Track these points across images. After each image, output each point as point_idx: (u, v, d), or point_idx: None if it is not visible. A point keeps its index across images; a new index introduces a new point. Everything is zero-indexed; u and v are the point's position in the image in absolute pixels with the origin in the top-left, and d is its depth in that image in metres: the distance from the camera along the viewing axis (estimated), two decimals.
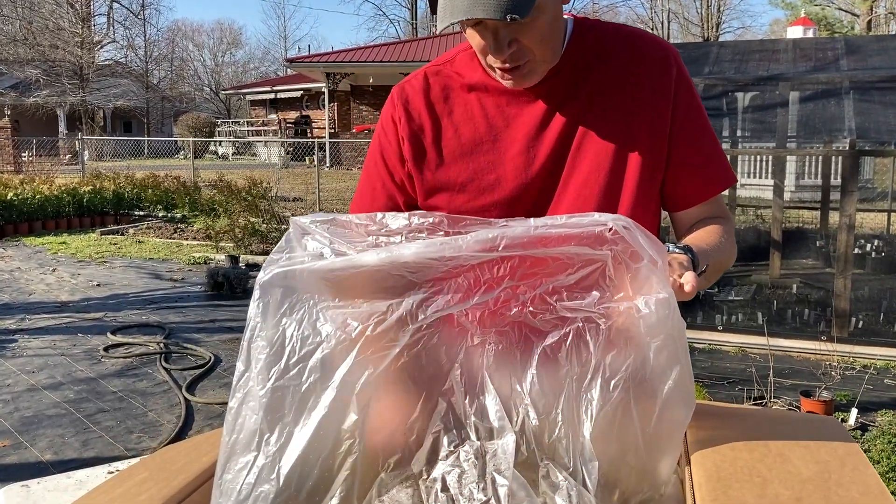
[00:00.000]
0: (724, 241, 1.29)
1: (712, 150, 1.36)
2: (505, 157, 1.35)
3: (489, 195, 1.35)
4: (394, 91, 1.45)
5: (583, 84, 1.34)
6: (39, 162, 20.30)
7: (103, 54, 41.58)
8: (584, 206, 1.33)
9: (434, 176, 1.38)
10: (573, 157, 1.34)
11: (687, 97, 1.35)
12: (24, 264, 9.18)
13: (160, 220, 12.73)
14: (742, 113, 7.43)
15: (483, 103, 1.37)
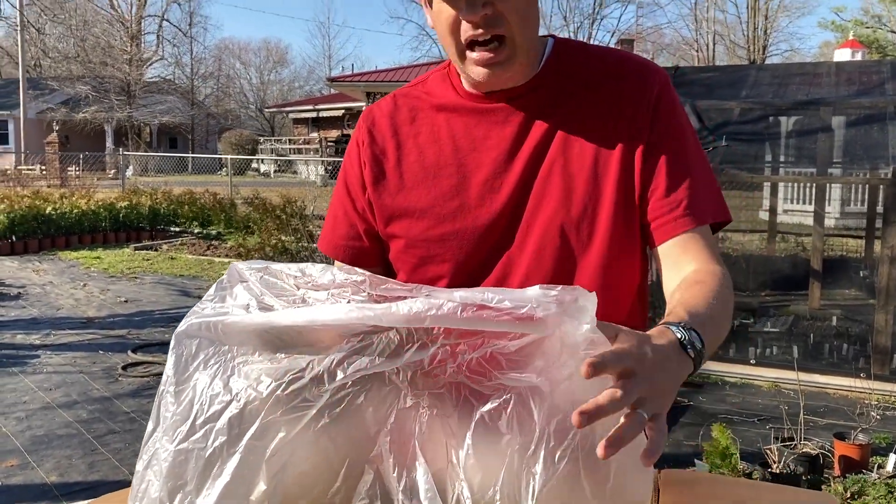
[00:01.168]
0: (720, 308, 1.05)
1: (694, 181, 1.20)
2: (469, 182, 1.24)
3: (450, 223, 1.24)
4: (362, 114, 1.38)
5: (557, 107, 1.23)
6: (85, 176, 20.73)
7: (151, 71, 42.48)
8: (551, 245, 1.21)
9: (394, 201, 1.28)
10: (541, 188, 1.21)
11: (666, 121, 1.21)
12: (56, 278, 9.27)
13: (195, 236, 12.81)
14: (781, 138, 7.20)
15: (451, 124, 1.27)
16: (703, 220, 1.19)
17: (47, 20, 35.54)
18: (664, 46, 43.81)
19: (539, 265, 1.22)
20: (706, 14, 40.71)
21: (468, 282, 1.27)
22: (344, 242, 1.35)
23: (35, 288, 8.64)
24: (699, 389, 5.21)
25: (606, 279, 1.20)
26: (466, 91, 1.27)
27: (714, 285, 1.10)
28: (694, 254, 1.17)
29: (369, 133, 1.33)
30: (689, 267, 1.17)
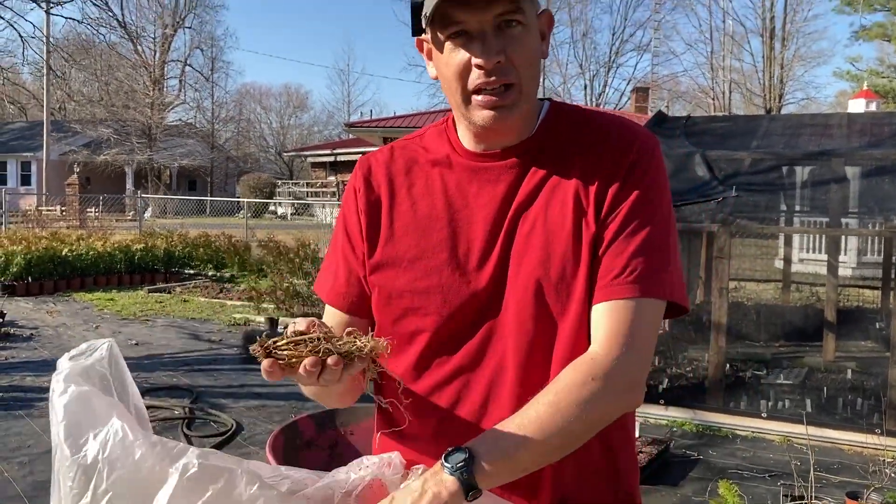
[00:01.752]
0: (541, 427, 1.11)
1: (639, 251, 1.19)
2: (459, 238, 1.26)
3: (437, 277, 1.26)
4: (358, 162, 1.40)
5: (547, 169, 1.26)
6: (104, 218, 20.98)
7: (172, 115, 43.17)
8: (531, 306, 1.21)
9: (383, 249, 1.30)
10: (522, 247, 1.23)
11: (633, 187, 1.21)
12: (70, 320, 9.32)
13: (209, 279, 12.88)
14: (794, 188, 7.18)
15: (445, 179, 1.30)
16: (645, 293, 1.17)
17: (72, 65, 36.30)
18: (680, 94, 44.10)
19: (520, 327, 1.22)
20: (722, 63, 41.01)
21: (449, 339, 1.26)
22: (344, 290, 1.35)
23: (48, 329, 8.69)
24: (709, 442, 5.12)
25: (582, 338, 1.20)
26: (463, 148, 1.30)
27: (565, 396, 1.13)
28: (604, 329, 1.17)
29: (365, 180, 1.35)
30: (591, 347, 1.18)
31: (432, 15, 1.16)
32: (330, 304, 1.36)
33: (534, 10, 1.21)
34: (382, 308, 1.31)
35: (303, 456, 2.52)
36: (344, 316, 1.35)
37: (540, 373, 1.21)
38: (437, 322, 1.25)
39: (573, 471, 1.23)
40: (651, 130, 5.33)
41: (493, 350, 1.24)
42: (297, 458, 2.57)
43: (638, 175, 1.23)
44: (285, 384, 5.27)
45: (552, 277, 1.20)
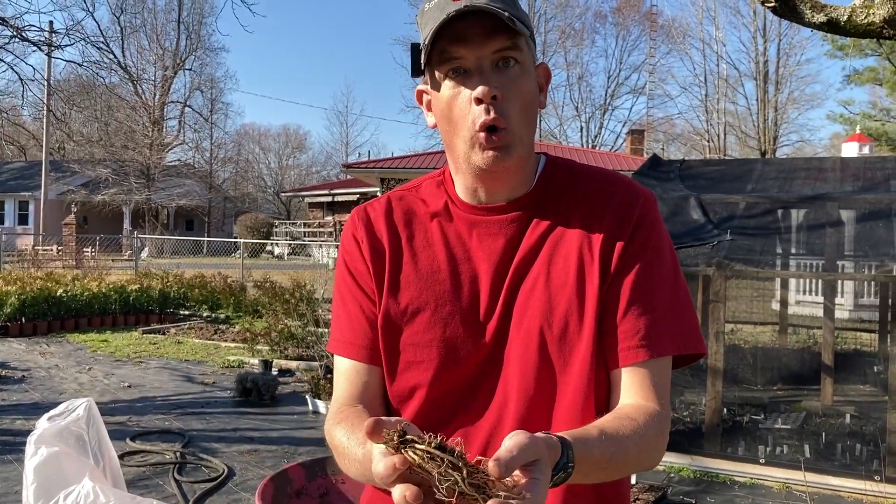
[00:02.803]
0: (635, 432, 1.10)
1: (659, 310, 1.20)
2: (462, 291, 1.25)
3: (440, 330, 1.24)
4: (354, 212, 1.38)
5: (547, 223, 1.26)
6: (100, 258, 20.96)
7: (171, 155, 43.39)
8: (532, 362, 1.20)
9: (386, 302, 1.28)
10: (524, 302, 1.22)
11: (642, 244, 1.22)
12: (62, 361, 9.24)
13: (204, 319, 12.82)
14: (788, 231, 7.19)
15: (444, 231, 1.29)
16: (659, 353, 1.19)
17: (72, 107, 36.55)
18: (675, 136, 44.49)
19: (522, 382, 1.20)
20: (717, 105, 41.45)
21: (449, 393, 1.24)
22: (367, 341, 1.29)
23: (40, 371, 8.61)
24: (707, 489, 5.05)
25: (588, 399, 1.19)
26: (461, 200, 1.29)
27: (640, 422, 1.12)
28: (637, 389, 1.18)
29: (367, 229, 1.33)
30: (629, 400, 1.18)
31: (430, 53, 1.16)
32: (351, 357, 1.30)
33: (531, 56, 1.22)
34: (384, 361, 1.29)
35: None
36: (364, 367, 1.29)
37: (539, 429, 1.20)
38: (437, 375, 1.23)
39: None
40: (646, 173, 5.35)
41: (493, 404, 1.22)
42: None
43: (645, 232, 1.23)
44: (278, 427, 5.26)
45: (555, 333, 1.19)
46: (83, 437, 0.91)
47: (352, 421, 1.20)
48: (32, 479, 0.84)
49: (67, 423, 0.93)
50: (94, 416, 0.95)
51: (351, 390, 1.29)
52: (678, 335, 1.21)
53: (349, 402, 1.28)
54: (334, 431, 1.21)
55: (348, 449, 1.16)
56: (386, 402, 1.30)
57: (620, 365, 1.18)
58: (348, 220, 1.37)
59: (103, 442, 0.95)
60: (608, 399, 1.24)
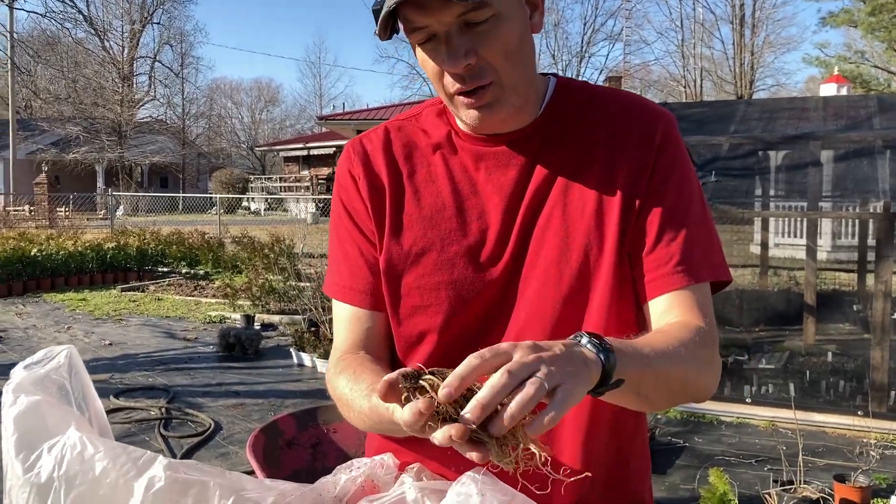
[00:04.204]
0: (683, 348, 1.01)
1: (690, 236, 1.12)
2: (470, 228, 1.16)
3: (447, 272, 1.16)
4: (349, 146, 1.27)
5: (559, 151, 1.16)
6: (74, 217, 20.64)
7: (142, 112, 42.61)
8: (550, 295, 1.12)
9: (388, 244, 1.19)
10: (539, 237, 1.14)
11: (667, 170, 1.14)
12: (40, 321, 9.12)
13: (183, 276, 12.68)
14: (771, 172, 7.17)
15: (449, 165, 1.19)
16: (696, 279, 1.11)
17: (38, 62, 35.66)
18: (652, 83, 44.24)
19: (537, 323, 1.13)
20: (693, 50, 41.20)
21: (459, 337, 1.17)
22: (369, 286, 1.21)
23: (17, 332, 8.48)
24: (695, 429, 5.09)
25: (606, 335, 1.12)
26: (464, 131, 1.20)
27: (678, 333, 1.04)
28: (678, 312, 1.10)
29: (364, 165, 1.23)
30: (672, 318, 1.10)
31: (395, 20, 1.05)
32: (351, 303, 1.23)
33: None
34: (388, 309, 1.21)
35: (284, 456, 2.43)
36: (365, 314, 1.22)
37: None
38: (448, 321, 1.16)
39: (588, 458, 1.16)
40: None
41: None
42: (279, 459, 2.49)
43: (669, 154, 1.15)
44: (263, 381, 5.18)
45: (573, 268, 1.12)
46: (65, 386, 0.84)
47: (354, 370, 1.13)
48: (13, 431, 0.77)
49: (47, 371, 0.85)
50: (76, 365, 0.87)
51: (352, 337, 1.22)
52: (711, 260, 1.14)
53: (351, 350, 1.21)
54: (336, 382, 1.15)
55: (353, 401, 1.09)
56: (391, 347, 1.23)
57: (657, 294, 1.10)
58: (343, 154, 1.27)
59: (87, 391, 0.87)
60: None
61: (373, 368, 1.13)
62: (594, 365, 0.85)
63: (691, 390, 1.07)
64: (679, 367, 1.01)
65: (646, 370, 0.95)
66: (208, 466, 1.13)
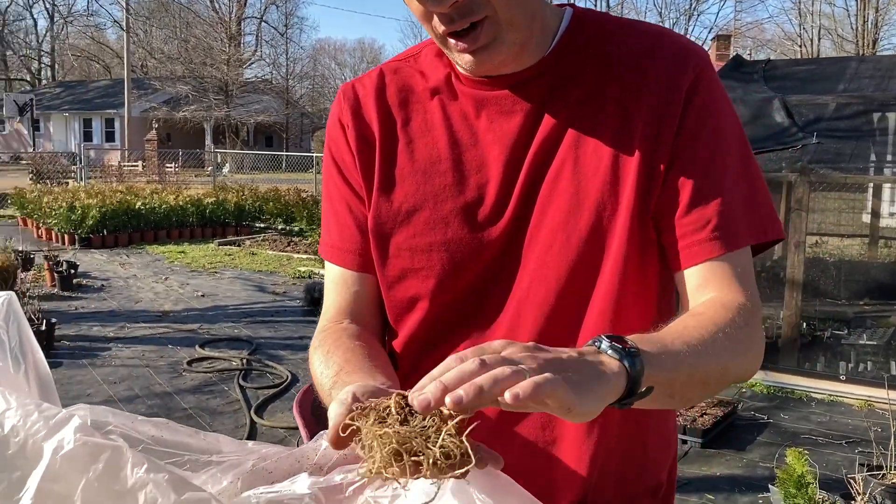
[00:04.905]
0: (721, 335, 0.88)
1: (729, 195, 0.97)
2: (468, 183, 1.03)
3: (441, 231, 1.03)
4: (340, 91, 1.15)
5: (572, 94, 1.01)
6: (182, 173, 21.44)
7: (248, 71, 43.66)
8: (555, 260, 0.99)
9: (377, 200, 1.07)
10: (547, 194, 1.00)
11: (700, 118, 0.98)
12: (140, 272, 9.51)
13: (278, 232, 12.98)
14: (884, 135, 6.66)
15: (447, 112, 1.06)
16: (735, 245, 0.97)
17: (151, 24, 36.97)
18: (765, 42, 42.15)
19: (540, 292, 1.00)
20: (811, 7, 38.91)
21: (454, 304, 1.06)
22: (357, 245, 1.11)
23: (118, 281, 8.87)
24: (781, 405, 4.83)
25: (618, 310, 0.99)
26: (464, 74, 1.05)
27: (715, 316, 0.90)
28: (716, 285, 0.96)
29: (354, 112, 1.11)
30: (707, 296, 0.96)
31: None
32: (339, 263, 1.13)
33: None
34: (377, 269, 1.10)
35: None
36: (353, 276, 1.12)
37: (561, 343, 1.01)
38: (441, 285, 1.05)
39: (598, 450, 1.03)
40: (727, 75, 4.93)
41: (504, 317, 1.03)
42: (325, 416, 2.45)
43: (702, 99, 0.98)
44: None
45: (582, 231, 0.98)
46: (0, 335, 0.79)
47: (328, 348, 1.03)
48: None
49: None
50: (16, 312, 0.83)
51: (340, 302, 1.12)
52: (755, 220, 0.99)
53: (336, 318, 1.11)
54: (313, 358, 1.06)
55: (321, 385, 1.00)
56: (382, 314, 1.13)
57: (691, 263, 0.97)
58: (334, 101, 1.15)
59: (26, 342, 0.82)
60: (660, 311, 1.04)
61: (348, 346, 1.02)
62: (615, 377, 0.74)
63: (732, 378, 0.95)
64: (717, 360, 0.88)
65: (678, 370, 0.83)
66: (182, 426, 1.08)
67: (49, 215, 11.65)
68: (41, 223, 12.08)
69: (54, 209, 11.53)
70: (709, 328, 0.88)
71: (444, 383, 0.66)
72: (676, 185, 0.97)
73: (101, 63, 51.84)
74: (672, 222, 0.98)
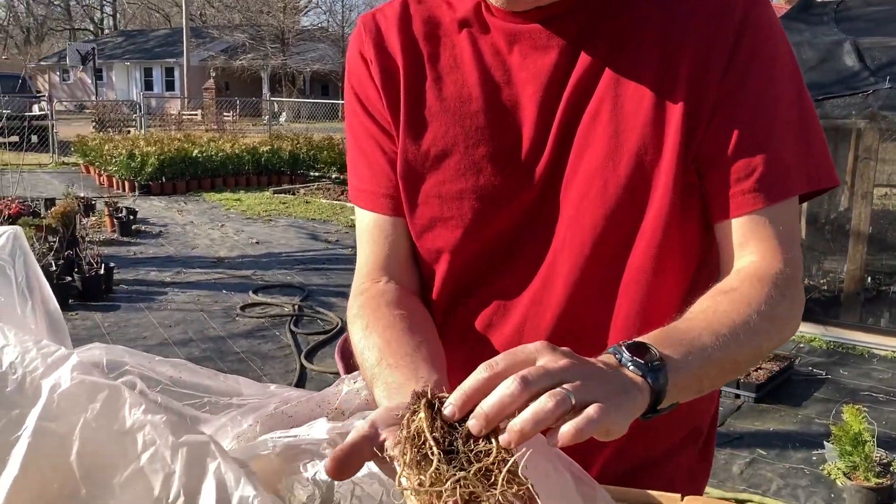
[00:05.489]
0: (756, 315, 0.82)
1: (779, 142, 0.89)
2: (501, 125, 0.95)
3: (472, 177, 0.96)
4: (360, 22, 1.07)
5: (611, 30, 0.93)
6: (240, 121, 21.65)
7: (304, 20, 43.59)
8: (591, 209, 0.92)
9: (404, 142, 1.00)
10: (584, 137, 0.92)
11: (748, 57, 0.89)
12: (197, 219, 9.66)
13: (332, 181, 13.03)
14: None
15: (477, 47, 0.98)
16: (781, 195, 0.89)
17: None
18: None
19: (576, 241, 0.94)
20: None
21: (483, 254, 0.99)
22: (392, 190, 1.02)
23: (176, 227, 9.03)
24: (841, 361, 4.68)
25: (659, 264, 0.92)
26: (495, 5, 0.96)
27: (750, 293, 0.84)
28: (755, 246, 0.89)
29: (376, 45, 1.02)
30: (744, 261, 0.89)
31: None
32: (373, 209, 1.04)
33: None
34: (406, 216, 1.03)
35: None
36: (389, 221, 1.03)
37: (593, 300, 0.95)
38: (471, 235, 0.98)
39: None
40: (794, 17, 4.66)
41: (538, 269, 0.97)
42: None
43: (753, 36, 0.90)
44: None
45: (620, 176, 0.90)
46: (6, 270, 0.76)
47: (367, 320, 0.96)
48: None
49: None
50: (22, 247, 0.80)
51: (376, 253, 1.04)
52: (806, 167, 0.91)
53: (373, 275, 1.03)
54: (352, 328, 0.99)
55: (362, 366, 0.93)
56: (419, 267, 1.06)
57: (731, 216, 0.89)
58: (353, 33, 1.07)
59: (33, 278, 0.80)
60: (703, 264, 0.97)
61: (387, 321, 0.95)
62: (638, 393, 0.69)
63: (766, 354, 0.90)
64: (750, 345, 0.82)
65: (707, 367, 0.78)
66: (202, 368, 1.06)
67: (110, 163, 11.90)
68: (103, 170, 12.35)
69: (115, 157, 11.76)
70: (742, 310, 0.82)
71: (488, 413, 0.61)
72: (721, 128, 0.89)
73: (161, 12, 52.35)
74: (714, 169, 0.90)
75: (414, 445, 0.60)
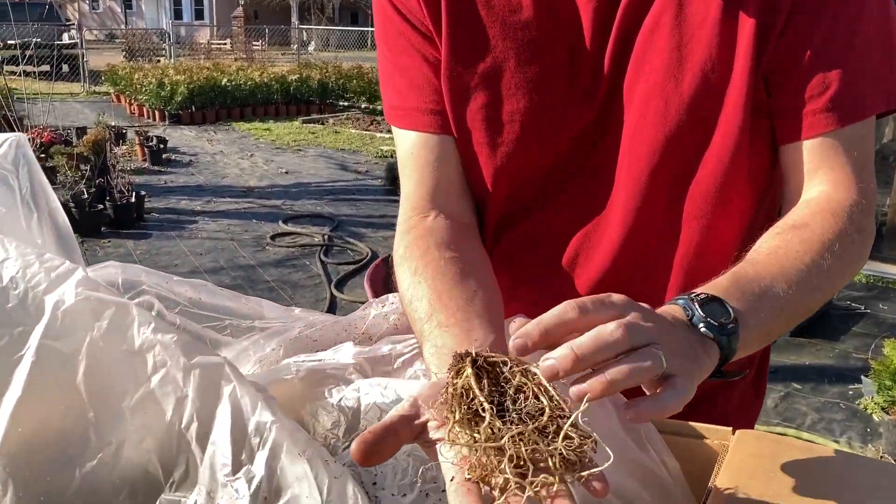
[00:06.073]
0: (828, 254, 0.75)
1: (856, 57, 0.80)
2: (554, 38, 0.86)
3: (522, 100, 0.87)
4: None
5: None
6: (269, 50, 21.43)
7: None
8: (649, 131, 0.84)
9: (447, 58, 0.89)
10: (642, 51, 0.83)
11: None
12: (227, 148, 9.62)
13: (361, 111, 12.89)
14: None
15: None
16: (856, 116, 0.80)
17: None
18: None
19: (633, 166, 0.86)
20: None
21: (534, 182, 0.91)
22: (438, 104, 0.90)
23: (206, 156, 9.01)
24: (880, 295, 4.57)
25: (724, 196, 0.85)
26: None
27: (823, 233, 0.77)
28: (827, 174, 0.81)
29: None
30: (814, 190, 0.81)
31: None
32: (419, 128, 0.91)
33: None
34: None
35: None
36: (437, 141, 0.92)
37: (651, 232, 0.88)
38: (522, 161, 0.89)
39: None
40: None
41: (593, 198, 0.90)
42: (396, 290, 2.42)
43: None
44: None
45: (684, 94, 0.82)
46: (9, 178, 0.71)
47: (415, 264, 0.85)
48: None
49: None
50: (27, 157, 0.75)
51: (424, 182, 0.92)
52: (886, 84, 0.82)
53: (421, 208, 0.92)
54: (399, 272, 0.88)
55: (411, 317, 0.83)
56: (471, 195, 0.96)
57: (801, 137, 0.81)
58: None
59: (39, 189, 0.75)
60: (770, 189, 0.89)
61: (437, 266, 0.84)
62: (707, 359, 0.63)
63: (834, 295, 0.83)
64: (823, 288, 0.77)
65: (779, 318, 0.72)
66: (222, 289, 1.01)
67: (140, 92, 11.86)
68: (133, 100, 12.32)
69: (145, 86, 11.71)
70: (816, 250, 0.75)
71: (578, 354, 0.54)
72: (795, 40, 0.80)
73: None
74: (785, 85, 0.82)
75: (463, 403, 0.54)
